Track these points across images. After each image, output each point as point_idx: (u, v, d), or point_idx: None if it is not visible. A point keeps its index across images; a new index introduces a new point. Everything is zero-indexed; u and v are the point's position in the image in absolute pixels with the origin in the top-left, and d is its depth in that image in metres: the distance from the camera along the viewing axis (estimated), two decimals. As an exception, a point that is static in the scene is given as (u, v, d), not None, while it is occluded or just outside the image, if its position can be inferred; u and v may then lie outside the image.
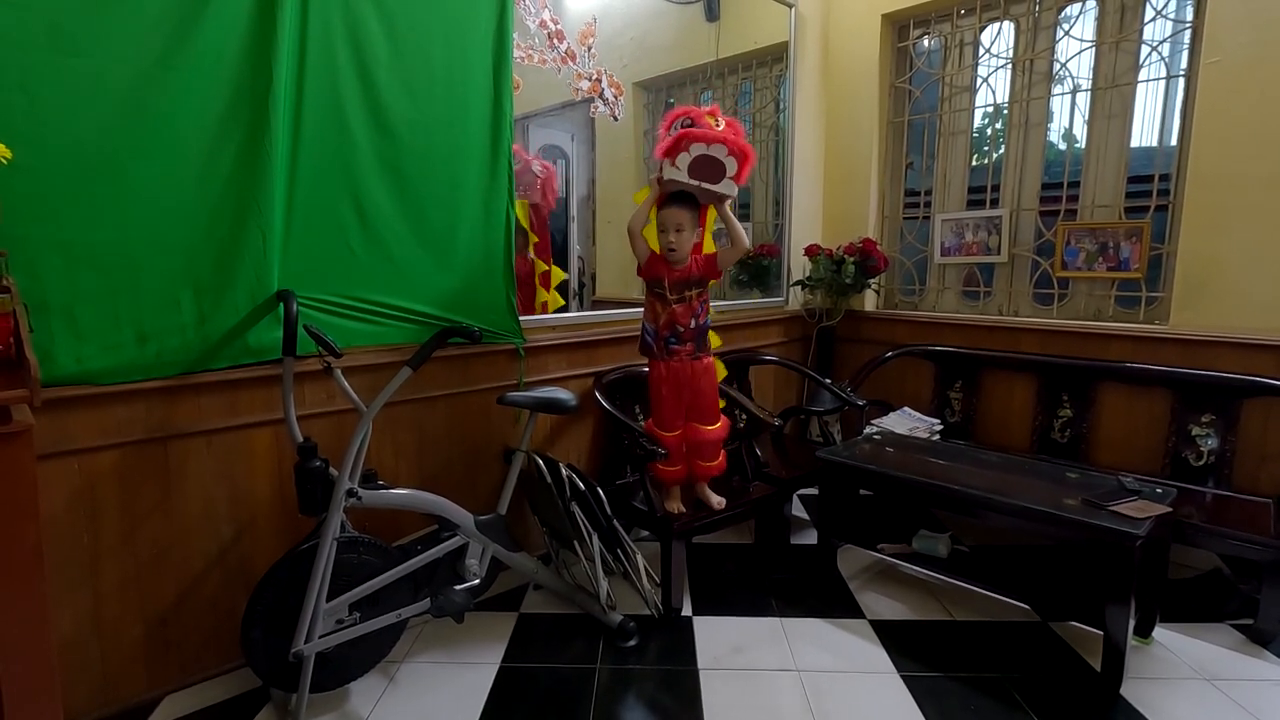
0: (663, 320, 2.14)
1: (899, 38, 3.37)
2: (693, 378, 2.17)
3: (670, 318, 2.13)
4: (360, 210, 1.91)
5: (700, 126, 2.02)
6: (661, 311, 2.14)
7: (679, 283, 2.13)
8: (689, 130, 2.00)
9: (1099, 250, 2.80)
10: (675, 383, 2.17)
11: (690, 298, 2.14)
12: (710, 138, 1.98)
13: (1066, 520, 1.86)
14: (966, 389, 3.10)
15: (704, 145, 1.98)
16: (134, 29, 1.52)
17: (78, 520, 1.59)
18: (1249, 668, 1.94)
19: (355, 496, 1.65)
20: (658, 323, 2.16)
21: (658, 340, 2.16)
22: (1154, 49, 2.66)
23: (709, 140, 1.98)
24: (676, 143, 1.99)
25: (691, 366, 2.17)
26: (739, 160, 2.01)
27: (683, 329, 2.14)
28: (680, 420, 2.21)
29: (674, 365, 2.16)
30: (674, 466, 2.22)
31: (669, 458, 2.19)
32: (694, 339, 2.16)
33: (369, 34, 1.87)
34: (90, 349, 1.53)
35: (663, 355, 2.16)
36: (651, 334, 2.18)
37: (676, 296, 2.13)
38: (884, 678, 1.88)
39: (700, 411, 2.21)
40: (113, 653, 1.67)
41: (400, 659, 1.94)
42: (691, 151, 1.98)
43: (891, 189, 3.51)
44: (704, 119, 2.04)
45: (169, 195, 1.60)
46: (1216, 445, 2.45)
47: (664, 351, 2.16)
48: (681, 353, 2.15)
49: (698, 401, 2.20)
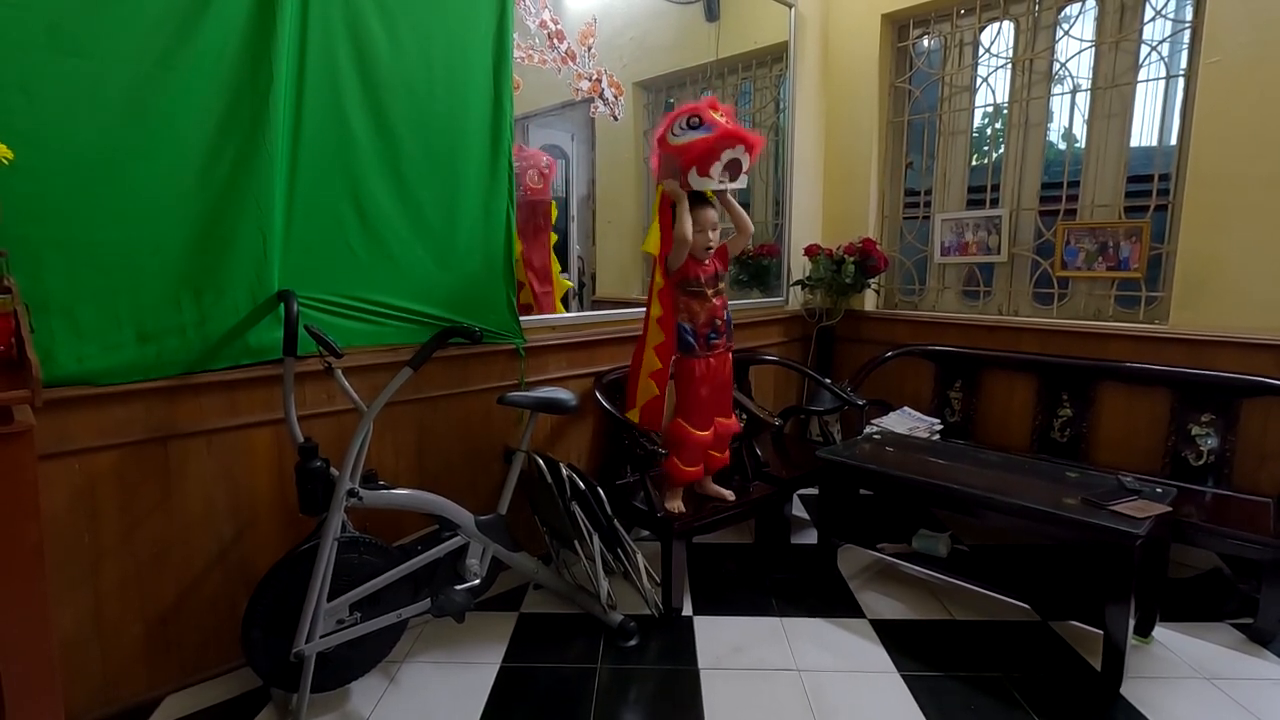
0: (703, 318, 2.19)
1: (899, 37, 3.37)
2: (726, 371, 2.25)
3: (710, 314, 2.19)
4: (360, 210, 1.91)
5: (708, 123, 2.02)
6: (701, 309, 2.18)
7: (712, 278, 2.20)
8: (713, 140, 1.99)
9: (1099, 250, 2.80)
10: (712, 380, 2.22)
11: (721, 291, 2.22)
12: (735, 136, 2.00)
13: (1066, 520, 1.86)
14: (966, 389, 3.10)
15: (732, 149, 2.01)
16: (134, 29, 1.52)
17: (78, 520, 1.59)
18: (1249, 667, 1.94)
19: (356, 496, 1.65)
20: (697, 321, 2.19)
21: (699, 338, 2.19)
22: (1154, 49, 2.66)
23: (735, 139, 2.01)
24: (708, 150, 1.99)
25: (722, 360, 2.23)
26: (752, 152, 2.07)
27: (721, 322, 2.21)
28: (712, 419, 2.25)
29: (712, 361, 2.21)
30: (695, 466, 2.25)
31: (694, 456, 2.23)
32: (728, 332, 2.24)
33: (369, 33, 1.87)
34: (91, 349, 1.53)
35: (705, 352, 2.19)
36: (691, 332, 2.19)
37: (713, 290, 2.19)
38: (884, 677, 1.89)
39: (723, 406, 2.28)
40: (113, 652, 1.67)
41: (401, 659, 1.94)
42: (723, 158, 2.01)
43: (891, 189, 3.51)
44: (708, 113, 2.04)
45: (170, 195, 1.60)
46: (1216, 445, 2.45)
47: (706, 348, 2.19)
48: (720, 346, 2.22)
49: (722, 396, 2.27)
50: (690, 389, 2.22)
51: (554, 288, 2.64)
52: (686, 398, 2.23)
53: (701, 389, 2.21)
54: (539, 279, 2.59)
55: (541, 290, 2.59)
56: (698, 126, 2.02)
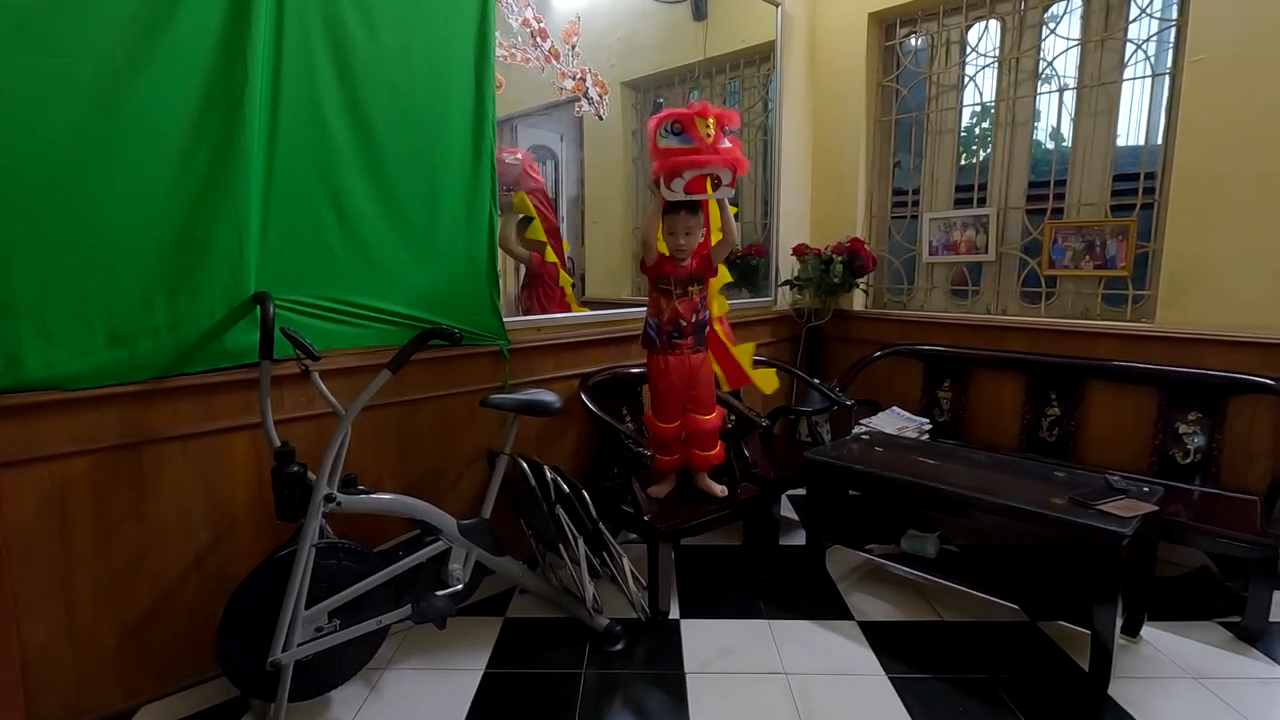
0: (666, 315, 2.22)
1: (886, 36, 3.36)
2: (692, 370, 2.26)
3: (674, 313, 2.21)
4: (339, 210, 1.88)
5: (689, 131, 2.03)
6: (666, 307, 2.21)
7: (684, 279, 2.21)
8: (680, 160, 2.02)
9: (1086, 248, 2.80)
10: (675, 376, 2.24)
11: (693, 293, 2.22)
12: (700, 163, 2.01)
13: (1053, 519, 1.85)
14: (955, 388, 3.09)
15: (696, 168, 2.02)
16: (105, 27, 1.49)
17: (48, 528, 1.55)
18: (1236, 665, 1.94)
19: (334, 501, 1.62)
20: (661, 318, 2.22)
21: (660, 334, 2.23)
22: (1139, 47, 2.66)
23: (700, 165, 2.02)
24: (674, 168, 2.02)
25: (690, 360, 2.25)
26: (732, 171, 2.07)
27: (685, 324, 2.22)
28: (679, 413, 2.29)
29: (674, 360, 2.23)
30: (672, 455, 2.33)
31: (667, 447, 2.29)
32: (695, 333, 2.25)
33: (348, 32, 1.84)
34: (60, 353, 1.50)
35: (666, 349, 2.23)
36: (654, 328, 2.24)
37: (681, 291, 2.21)
38: (872, 680, 1.87)
39: (699, 402, 2.30)
40: (86, 662, 1.63)
41: (383, 666, 1.92)
42: (685, 176, 2.02)
43: (879, 188, 3.50)
44: (693, 123, 2.03)
45: (142, 196, 1.57)
46: (1203, 443, 2.45)
47: (667, 346, 2.23)
48: (684, 346, 2.24)
49: (697, 393, 2.28)
50: (651, 382, 2.30)
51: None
52: (650, 389, 2.31)
53: (660, 382, 2.26)
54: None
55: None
56: (680, 133, 2.04)
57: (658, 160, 2.07)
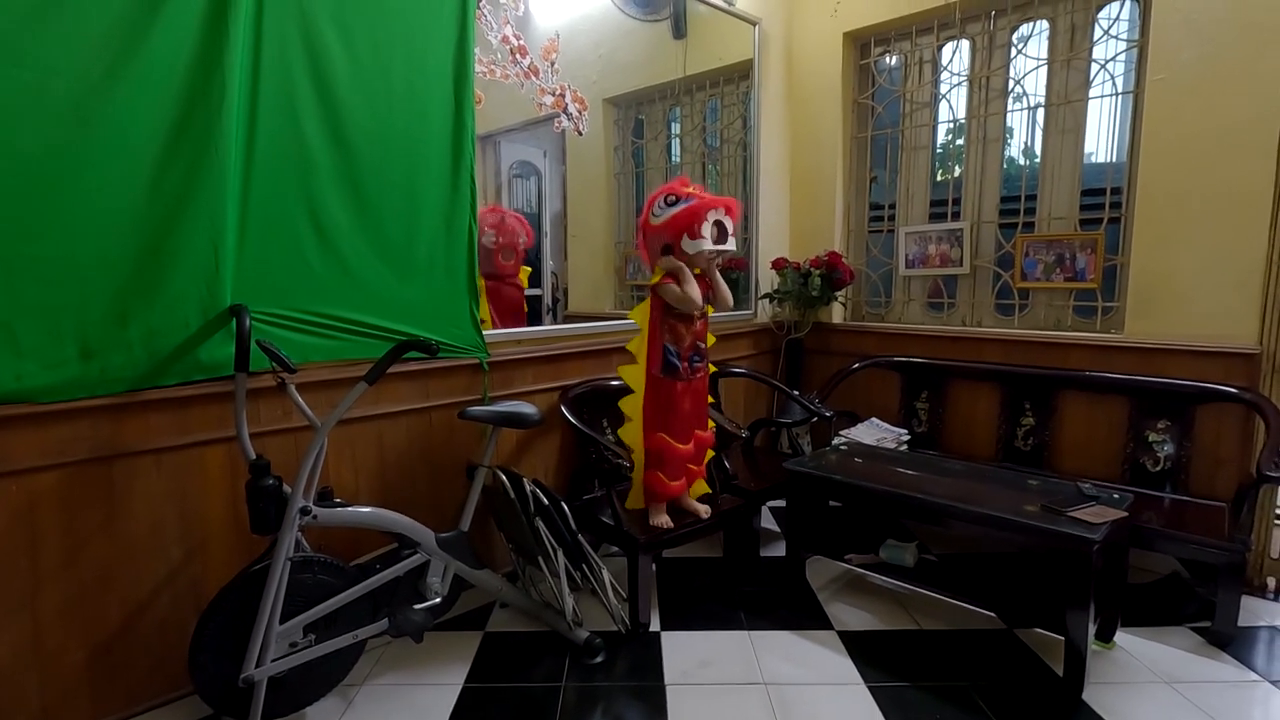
0: (687, 342, 2.23)
1: (861, 55, 3.44)
2: (702, 389, 2.30)
3: (694, 338, 2.24)
4: (317, 223, 1.89)
5: (685, 197, 2.14)
6: (686, 334, 2.23)
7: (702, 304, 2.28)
8: (696, 207, 2.11)
9: (1056, 261, 2.86)
10: (693, 398, 2.27)
11: (705, 313, 2.30)
12: (712, 203, 2.13)
13: (1026, 526, 1.88)
14: (933, 399, 3.13)
15: (715, 210, 2.13)
16: (80, 40, 1.49)
17: (16, 544, 1.53)
18: (1207, 669, 1.97)
19: (309, 514, 1.61)
20: (681, 344, 2.22)
21: (684, 361, 2.23)
22: (1103, 66, 2.74)
23: (713, 204, 2.13)
24: (692, 214, 2.10)
25: (700, 380, 2.29)
26: (732, 214, 2.20)
27: (703, 345, 2.27)
28: (693, 432, 2.29)
29: (695, 382, 2.26)
30: (679, 480, 2.26)
31: (677, 470, 2.24)
32: (707, 355, 2.31)
33: (326, 46, 1.86)
34: (31, 366, 1.48)
35: (689, 376, 2.24)
36: (676, 355, 2.22)
37: (700, 314, 2.26)
38: (851, 689, 1.88)
39: (702, 419, 2.33)
40: (53, 681, 1.60)
41: (360, 681, 1.89)
42: (709, 218, 2.11)
43: (856, 203, 3.56)
44: (685, 190, 2.17)
45: (116, 208, 1.56)
46: (1173, 450, 2.50)
47: (690, 372, 2.24)
48: (701, 369, 2.28)
49: (701, 408, 2.32)
50: (674, 405, 2.23)
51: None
52: (670, 413, 2.23)
53: (683, 404, 2.24)
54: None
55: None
56: (675, 203, 2.14)
57: (671, 226, 2.13)
